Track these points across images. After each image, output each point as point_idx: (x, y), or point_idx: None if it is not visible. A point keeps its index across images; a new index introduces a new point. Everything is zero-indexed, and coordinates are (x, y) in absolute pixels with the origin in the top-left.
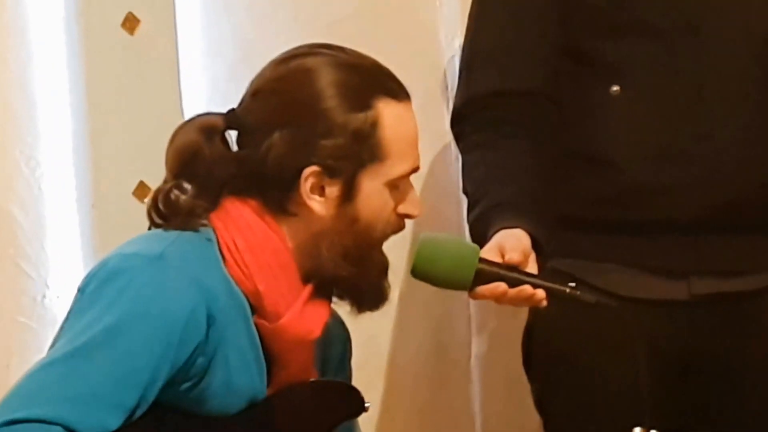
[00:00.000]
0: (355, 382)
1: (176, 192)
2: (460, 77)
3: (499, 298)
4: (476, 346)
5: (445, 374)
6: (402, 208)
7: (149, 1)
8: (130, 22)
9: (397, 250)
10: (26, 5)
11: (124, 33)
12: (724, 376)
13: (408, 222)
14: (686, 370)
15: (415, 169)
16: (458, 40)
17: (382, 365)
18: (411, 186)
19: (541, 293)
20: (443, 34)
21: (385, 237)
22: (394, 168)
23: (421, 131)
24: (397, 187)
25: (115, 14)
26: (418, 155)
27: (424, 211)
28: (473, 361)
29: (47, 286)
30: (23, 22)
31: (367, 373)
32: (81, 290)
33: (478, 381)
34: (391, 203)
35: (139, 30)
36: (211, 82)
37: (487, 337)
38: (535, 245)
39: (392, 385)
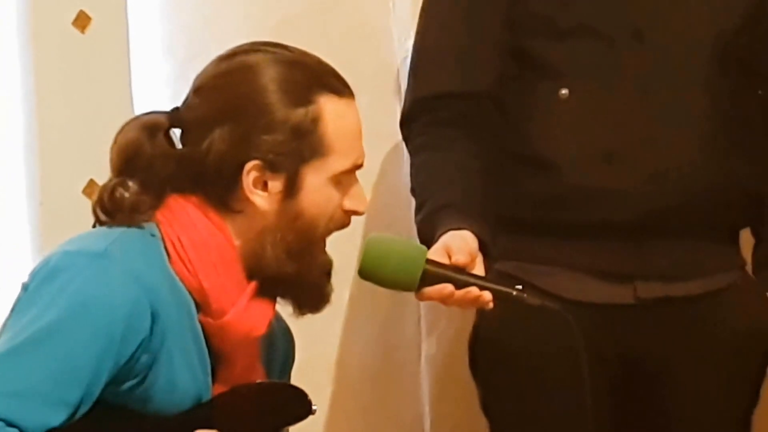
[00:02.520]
0: (302, 383)
1: (120, 190)
2: (408, 79)
3: (446, 300)
4: (426, 348)
5: (393, 375)
6: (348, 204)
7: None
8: (81, 20)
9: (346, 250)
10: None
11: (75, 31)
12: (668, 381)
13: (358, 222)
14: (630, 375)
15: (359, 165)
16: (411, 41)
17: (330, 366)
18: (356, 181)
19: (487, 295)
20: (396, 35)
21: (329, 233)
22: (337, 163)
23: (372, 132)
24: (341, 182)
25: (67, 12)
26: (362, 151)
27: (374, 211)
28: (423, 362)
29: None
30: None
31: (315, 373)
32: (24, 288)
33: (427, 383)
34: (335, 199)
35: (91, 28)
36: (162, 81)
37: (436, 339)
38: (482, 247)
39: (340, 386)
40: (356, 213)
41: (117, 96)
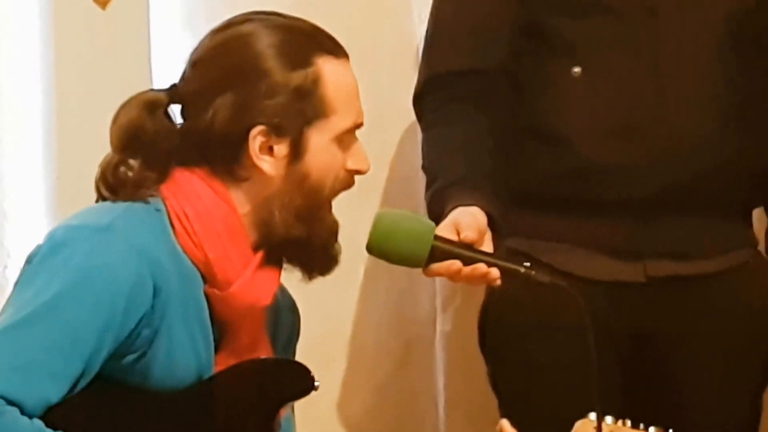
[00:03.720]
0: (316, 358)
1: (123, 168)
2: (423, 56)
3: (454, 276)
4: (441, 324)
5: (408, 351)
6: (350, 164)
7: None
8: None
9: (361, 225)
10: None
11: (95, 6)
12: (678, 359)
13: (375, 196)
14: (641, 352)
15: (359, 124)
16: None
17: (345, 341)
18: (357, 140)
19: (495, 272)
20: (416, 12)
21: (335, 194)
22: (340, 122)
23: (391, 108)
24: (344, 141)
25: None
26: (361, 110)
27: (391, 186)
28: (438, 338)
29: (9, 256)
30: None
31: (329, 348)
32: (28, 261)
33: (442, 359)
34: (339, 158)
35: (111, 4)
36: (182, 56)
37: (452, 315)
38: (491, 223)
39: (354, 361)
40: (359, 172)
41: (136, 71)
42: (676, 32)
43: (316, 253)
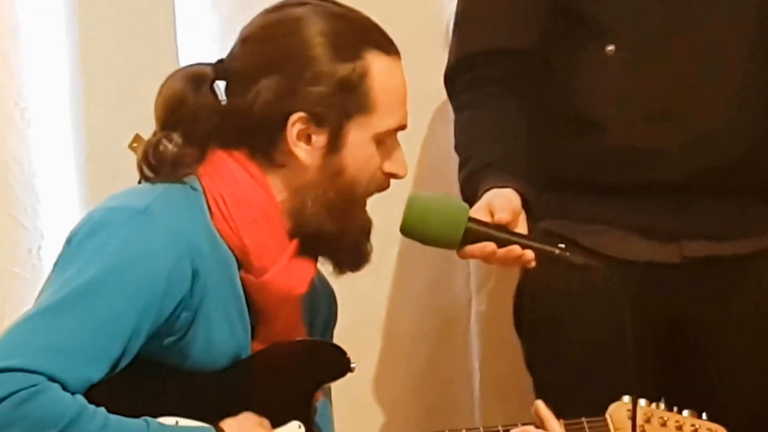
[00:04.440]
0: (351, 341)
1: (164, 142)
2: (453, 35)
3: (488, 258)
4: (476, 305)
5: (443, 333)
6: (388, 167)
7: None
8: None
9: (395, 207)
10: None
11: None
12: (714, 340)
13: (408, 179)
14: (677, 334)
15: (402, 126)
16: None
17: (380, 323)
18: (398, 144)
19: (529, 254)
20: None
21: (369, 193)
22: (382, 121)
23: (422, 88)
24: (384, 142)
25: None
26: (406, 113)
27: (423, 168)
28: (473, 319)
29: (42, 237)
30: None
31: (365, 331)
32: (67, 242)
33: (477, 340)
34: (377, 159)
35: None
36: (208, 37)
37: (486, 296)
38: (525, 205)
39: (389, 343)
40: (396, 176)
41: (163, 51)
42: (712, 12)
43: (346, 249)
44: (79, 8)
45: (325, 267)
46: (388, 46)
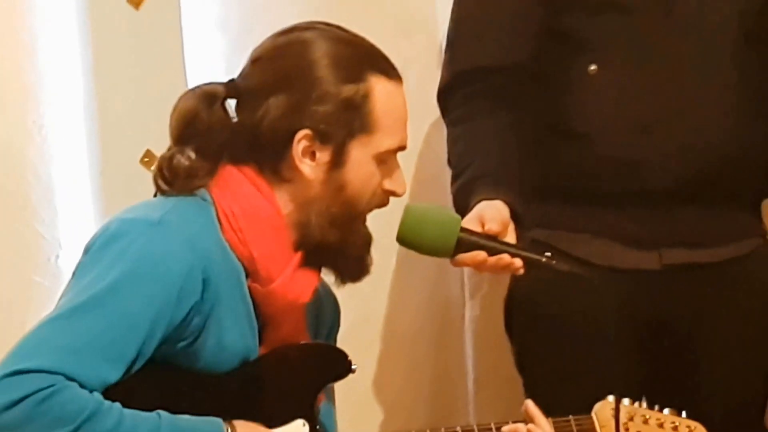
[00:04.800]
0: (353, 342)
1: (178, 156)
2: (446, 54)
3: (479, 266)
4: (469, 309)
5: (439, 335)
6: (388, 184)
7: None
8: None
9: (394, 217)
10: None
11: (129, 7)
12: (695, 341)
13: (406, 190)
14: (659, 336)
15: (402, 147)
16: None
17: (380, 326)
18: (398, 165)
19: (518, 262)
20: (440, 11)
21: (369, 209)
22: (383, 141)
23: (418, 104)
24: (385, 162)
25: None
26: (406, 134)
27: (419, 181)
28: (467, 323)
29: (60, 247)
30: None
31: (366, 333)
32: (85, 251)
33: (470, 342)
34: (377, 176)
35: (144, 4)
36: (215, 56)
37: (479, 301)
38: (514, 216)
39: (388, 345)
40: (395, 194)
41: (171, 70)
42: (691, 30)
43: (348, 261)
44: (93, 31)
45: (328, 277)
46: (390, 71)
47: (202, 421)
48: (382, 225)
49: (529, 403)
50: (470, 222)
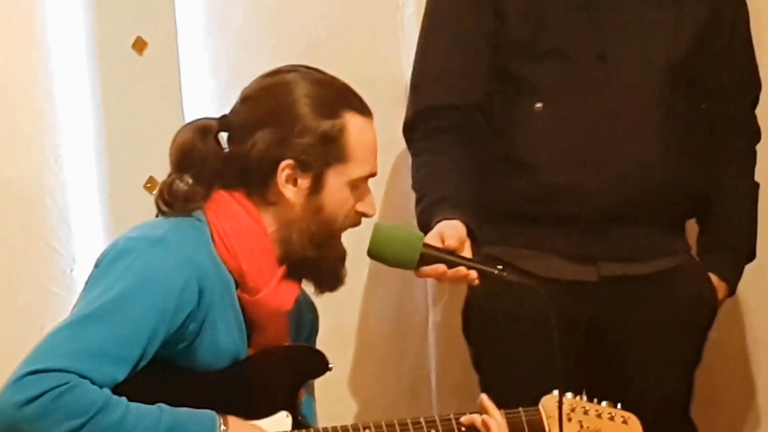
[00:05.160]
0: (330, 345)
1: (177, 182)
2: (410, 92)
3: (440, 277)
4: (432, 315)
5: (405, 339)
6: (360, 207)
7: (155, 27)
8: (139, 45)
9: (365, 235)
10: (51, 33)
11: (134, 53)
12: (627, 343)
13: (376, 210)
14: (596, 338)
15: (373, 174)
16: None
17: (353, 331)
18: (369, 190)
19: (473, 273)
20: (404, 57)
21: (344, 228)
22: (356, 170)
23: (385, 137)
24: (358, 187)
25: (127, 37)
26: (376, 163)
27: (388, 204)
28: (430, 328)
29: (74, 261)
30: (49, 47)
31: (340, 337)
32: (95, 266)
33: (434, 344)
34: (351, 200)
35: (147, 51)
36: (207, 97)
37: (441, 308)
38: (470, 234)
39: (361, 347)
40: (366, 215)
41: (170, 108)
42: (623, 74)
43: (325, 273)
44: (102, 73)
45: (308, 287)
46: (363, 108)
47: (198, 413)
48: (355, 242)
49: (484, 397)
50: (432, 239)
